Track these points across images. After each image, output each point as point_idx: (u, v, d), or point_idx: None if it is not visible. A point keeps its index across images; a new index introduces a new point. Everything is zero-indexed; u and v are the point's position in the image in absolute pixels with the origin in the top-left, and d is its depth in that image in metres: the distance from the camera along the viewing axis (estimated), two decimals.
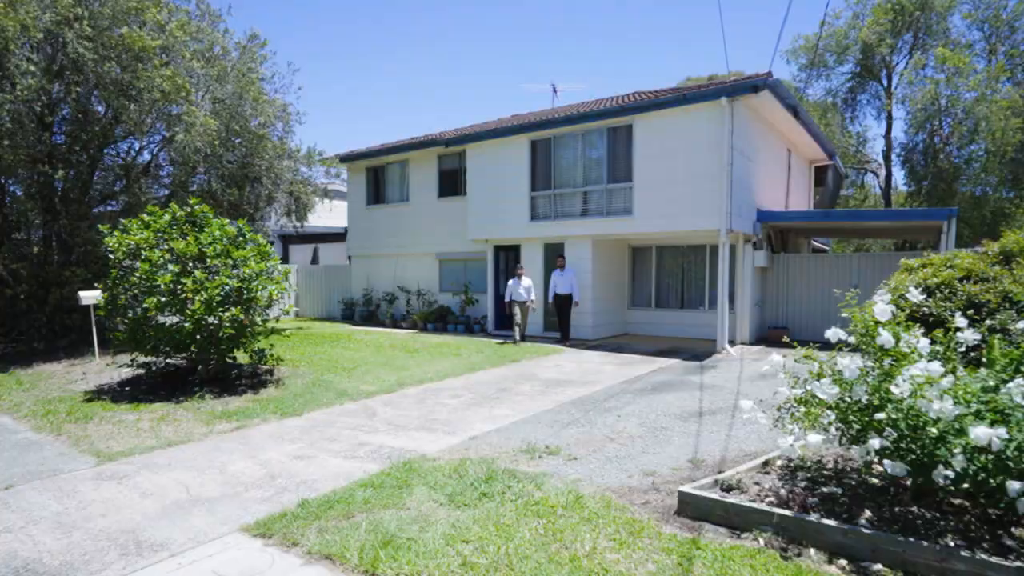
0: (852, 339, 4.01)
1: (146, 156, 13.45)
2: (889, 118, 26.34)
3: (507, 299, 12.85)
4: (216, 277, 7.45)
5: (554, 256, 14.10)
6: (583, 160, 13.39)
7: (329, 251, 22.64)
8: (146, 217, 7.95)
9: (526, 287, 12.85)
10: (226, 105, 12.66)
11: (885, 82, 26.21)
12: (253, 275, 7.73)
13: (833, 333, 4.06)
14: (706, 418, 6.63)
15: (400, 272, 17.87)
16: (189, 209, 8.06)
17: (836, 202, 19.33)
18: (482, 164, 14.94)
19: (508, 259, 15.35)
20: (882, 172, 28.60)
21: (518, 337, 12.72)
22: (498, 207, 14.64)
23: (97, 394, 7.90)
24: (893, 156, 26.46)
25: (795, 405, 4.19)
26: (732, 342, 13.23)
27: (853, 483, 4.14)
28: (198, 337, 7.54)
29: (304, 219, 15.36)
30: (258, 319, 7.93)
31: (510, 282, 12.93)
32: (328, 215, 24.65)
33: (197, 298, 7.23)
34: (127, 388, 8.21)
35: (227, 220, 8.29)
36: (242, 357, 8.86)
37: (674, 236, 14.00)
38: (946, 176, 21.07)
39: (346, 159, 18.31)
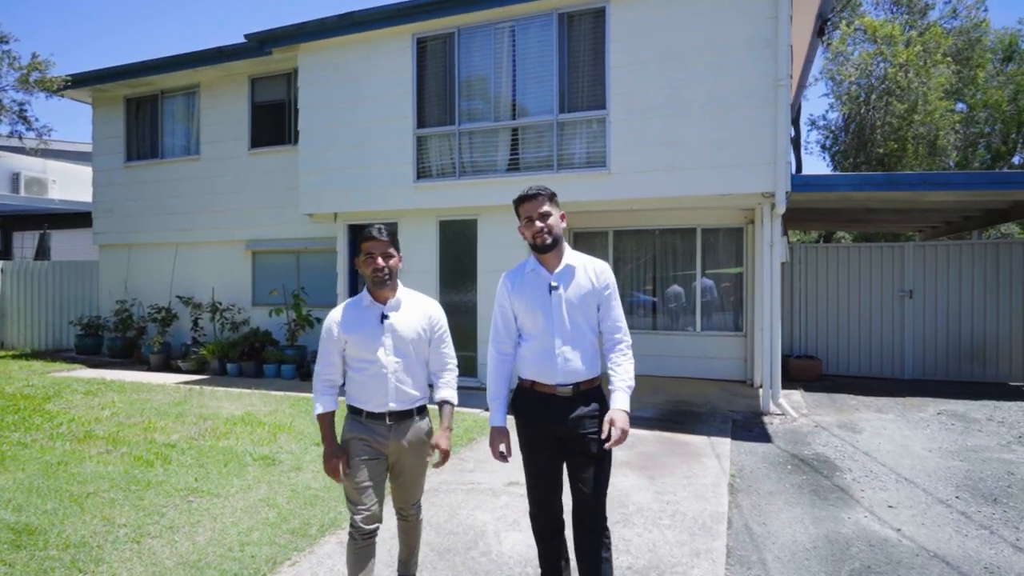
0: None
1: None
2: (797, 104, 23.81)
3: (326, 407, 2.46)
4: None
5: (456, 244, 8.06)
6: (513, 73, 7.56)
7: (72, 241, 14.39)
8: None
9: (421, 333, 2.56)
10: None
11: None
12: None
13: None
14: None
15: (184, 273, 10.68)
16: None
17: None
18: (329, 83, 8.48)
19: None
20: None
21: None
22: (357, 158, 8.30)
23: None
24: (814, 142, 24.08)
25: None
26: (750, 383, 8.34)
27: None
28: None
29: None
30: None
31: (329, 324, 2.50)
32: (75, 186, 16.11)
33: None
34: None
35: None
36: None
37: (659, 210, 8.66)
38: (886, 161, 18.67)
39: (86, 80, 10.72)
